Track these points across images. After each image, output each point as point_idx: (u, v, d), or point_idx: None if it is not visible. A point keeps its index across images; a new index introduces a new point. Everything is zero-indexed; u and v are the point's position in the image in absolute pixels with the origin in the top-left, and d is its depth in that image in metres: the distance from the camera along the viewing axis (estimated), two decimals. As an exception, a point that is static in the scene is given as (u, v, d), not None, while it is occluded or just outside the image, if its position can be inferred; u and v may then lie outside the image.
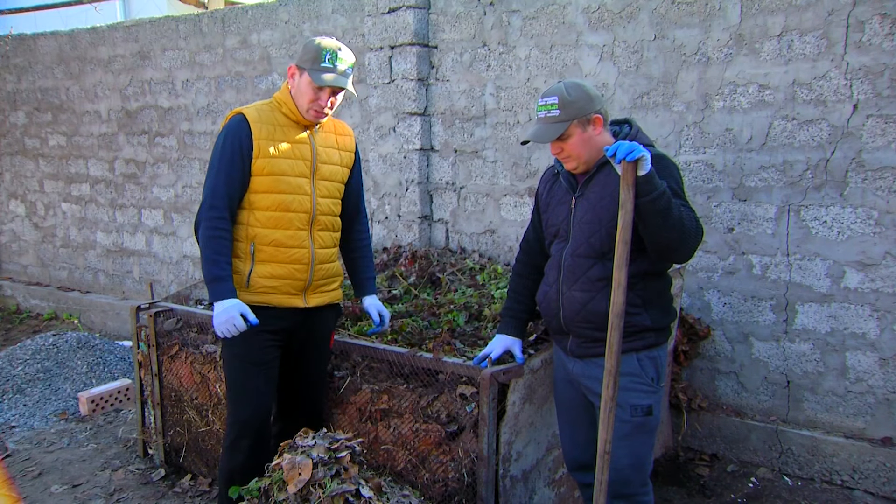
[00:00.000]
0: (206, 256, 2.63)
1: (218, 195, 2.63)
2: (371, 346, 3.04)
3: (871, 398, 3.42)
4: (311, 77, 2.63)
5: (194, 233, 2.70)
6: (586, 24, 3.98)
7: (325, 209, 2.82)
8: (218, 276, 2.60)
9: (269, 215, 2.69)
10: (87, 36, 6.58)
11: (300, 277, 2.74)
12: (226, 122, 2.72)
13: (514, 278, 2.72)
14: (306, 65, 2.65)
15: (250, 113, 2.69)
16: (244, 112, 2.70)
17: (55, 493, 3.61)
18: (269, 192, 2.68)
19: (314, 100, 2.67)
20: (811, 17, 3.34)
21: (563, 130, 2.30)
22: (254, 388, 2.73)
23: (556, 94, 2.31)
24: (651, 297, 2.38)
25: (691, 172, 3.73)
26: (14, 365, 4.96)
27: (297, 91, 2.70)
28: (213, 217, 2.62)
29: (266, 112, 2.72)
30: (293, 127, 2.75)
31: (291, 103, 2.72)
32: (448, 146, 4.59)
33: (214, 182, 2.64)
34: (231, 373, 2.76)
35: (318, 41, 2.67)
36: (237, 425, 2.75)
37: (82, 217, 6.99)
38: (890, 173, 3.25)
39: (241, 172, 2.65)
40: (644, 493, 2.46)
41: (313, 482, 2.27)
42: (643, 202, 2.15)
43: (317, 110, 2.70)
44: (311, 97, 2.67)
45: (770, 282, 3.60)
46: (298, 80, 2.69)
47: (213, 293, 2.61)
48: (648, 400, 2.38)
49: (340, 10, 4.98)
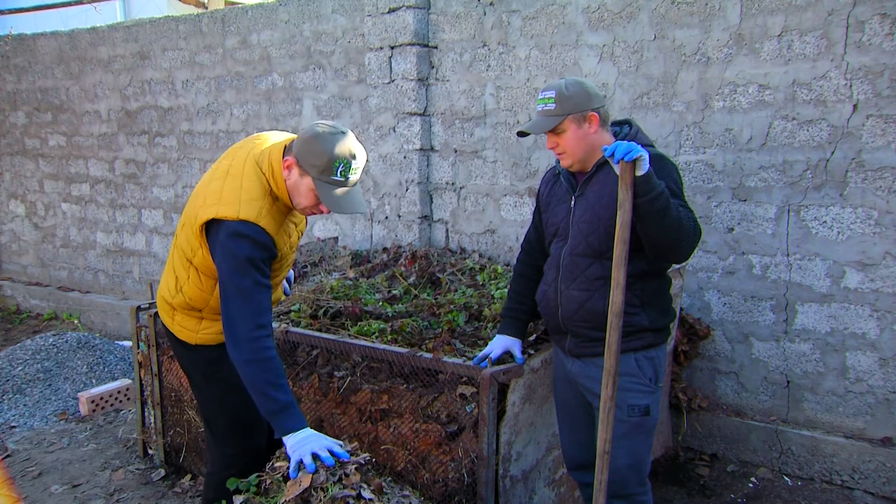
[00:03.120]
0: (267, 380, 2.25)
1: (262, 311, 2.29)
2: (371, 346, 3.04)
3: (871, 398, 3.42)
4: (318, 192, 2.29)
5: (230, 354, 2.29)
6: (586, 24, 3.98)
7: None
8: (289, 402, 2.27)
9: None
10: (87, 36, 6.58)
11: None
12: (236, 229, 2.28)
13: (515, 278, 2.72)
14: (312, 171, 2.27)
15: (268, 224, 2.33)
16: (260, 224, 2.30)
17: (55, 493, 3.61)
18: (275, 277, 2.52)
19: (315, 205, 2.36)
20: (811, 17, 3.34)
21: (557, 124, 2.32)
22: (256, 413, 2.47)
23: (554, 88, 2.34)
24: (649, 298, 2.39)
25: (691, 172, 3.73)
26: (14, 365, 4.96)
27: (295, 189, 2.34)
28: (259, 337, 2.27)
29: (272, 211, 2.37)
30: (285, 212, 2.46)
31: (287, 196, 2.38)
32: (448, 146, 4.59)
33: (257, 300, 2.28)
34: (232, 403, 2.57)
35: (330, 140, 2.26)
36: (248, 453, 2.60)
37: (82, 217, 6.99)
38: (890, 173, 3.25)
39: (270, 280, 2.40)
40: (642, 492, 2.47)
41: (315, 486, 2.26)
42: (641, 202, 2.15)
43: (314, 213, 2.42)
44: (312, 202, 2.35)
45: (770, 282, 3.60)
46: (298, 180, 2.32)
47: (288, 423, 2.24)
48: (646, 400, 2.39)
49: (340, 10, 4.98)
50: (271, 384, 2.25)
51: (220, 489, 2.56)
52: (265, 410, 2.27)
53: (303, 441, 2.21)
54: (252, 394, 2.28)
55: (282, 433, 2.25)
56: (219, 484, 2.60)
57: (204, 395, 2.67)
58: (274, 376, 2.26)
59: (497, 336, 2.69)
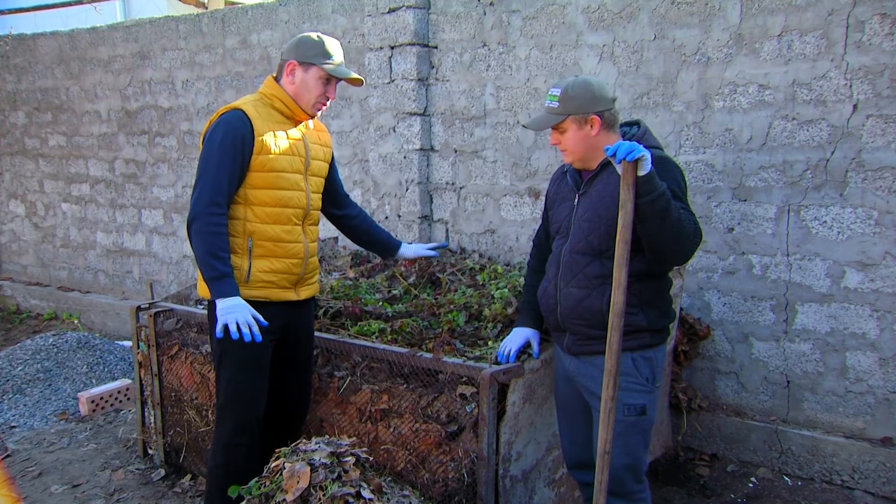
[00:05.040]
0: (207, 251, 2.55)
1: (220, 191, 2.58)
2: (371, 346, 3.05)
3: (871, 398, 3.42)
4: (325, 70, 2.68)
5: (187, 230, 2.61)
6: (586, 24, 3.98)
7: (315, 204, 2.88)
8: (223, 272, 2.55)
9: (268, 211, 2.68)
10: (87, 36, 6.58)
11: (295, 272, 2.77)
12: (217, 118, 2.66)
13: (529, 272, 2.76)
14: (315, 59, 2.68)
15: (249, 110, 2.65)
16: (243, 108, 2.65)
17: (55, 493, 3.61)
18: (269, 189, 2.68)
19: (323, 93, 2.72)
20: (811, 17, 3.34)
21: (557, 123, 2.36)
22: (254, 389, 2.73)
23: (561, 86, 2.37)
24: (648, 298, 2.39)
25: (691, 172, 3.73)
26: (14, 365, 4.96)
27: (303, 86, 2.70)
28: (214, 213, 2.57)
29: (262, 108, 2.70)
30: (287, 123, 2.75)
31: (287, 98, 2.72)
32: (448, 146, 4.59)
33: (216, 177, 2.58)
34: (230, 374, 2.72)
35: (318, 36, 2.72)
36: (236, 426, 2.73)
37: (82, 217, 6.99)
38: (890, 173, 3.25)
39: (239, 168, 2.62)
40: (640, 490, 2.48)
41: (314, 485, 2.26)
42: (642, 202, 2.16)
43: (323, 103, 2.75)
44: (320, 91, 2.71)
45: (770, 282, 3.60)
46: (303, 76, 2.69)
47: (219, 290, 2.54)
48: (642, 400, 2.39)
49: (340, 10, 4.98)
50: (214, 255, 2.55)
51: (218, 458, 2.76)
52: (206, 277, 2.56)
53: (232, 308, 2.52)
54: (197, 262, 2.59)
55: (216, 296, 2.55)
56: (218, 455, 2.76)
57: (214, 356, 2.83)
58: (218, 249, 2.56)
59: (515, 328, 2.71)
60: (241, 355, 2.69)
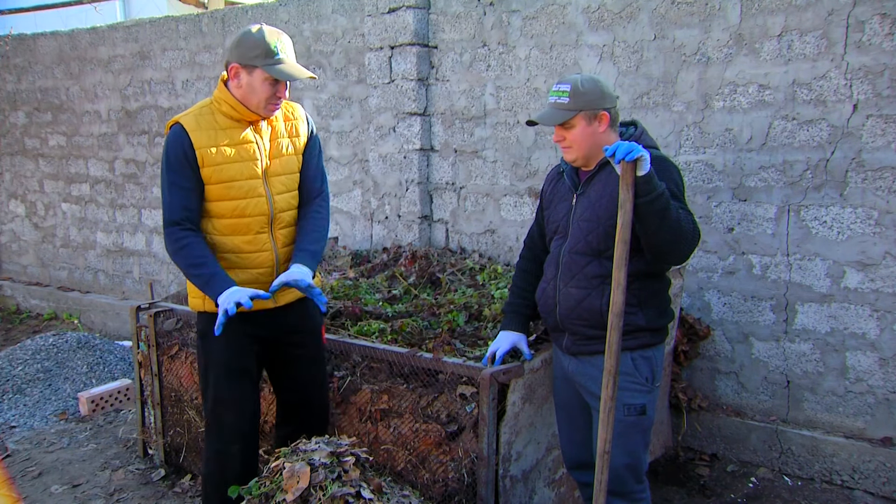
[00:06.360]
0: (184, 266, 2.51)
1: (174, 209, 2.51)
2: (371, 346, 3.05)
3: (871, 398, 3.42)
4: (268, 73, 2.49)
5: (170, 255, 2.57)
6: (586, 24, 3.98)
7: (284, 205, 2.69)
8: (208, 274, 2.48)
9: (226, 223, 2.58)
10: (87, 36, 6.58)
11: (265, 280, 2.61)
12: (166, 133, 2.58)
13: (518, 274, 2.73)
14: (257, 61, 2.48)
15: (188, 122, 2.55)
16: (180, 121, 2.55)
17: (55, 493, 3.61)
18: (222, 200, 2.57)
19: (272, 94, 2.54)
20: (811, 17, 3.34)
21: (569, 118, 2.33)
22: (237, 395, 2.68)
23: (570, 82, 2.35)
24: (647, 298, 2.39)
25: (691, 172, 3.73)
26: (14, 365, 4.96)
27: (249, 90, 2.53)
28: (175, 232, 2.51)
29: (205, 116, 2.58)
30: (236, 127, 2.59)
31: (234, 101, 2.56)
32: (448, 146, 4.59)
33: (169, 198, 2.52)
34: (211, 382, 2.68)
35: (259, 31, 2.52)
36: (226, 433, 2.69)
37: (82, 217, 6.99)
38: (890, 173, 3.25)
39: (192, 182, 2.53)
40: (640, 490, 2.48)
41: (314, 485, 2.26)
42: (641, 202, 2.16)
43: (275, 104, 2.58)
44: (268, 93, 2.53)
45: (770, 282, 3.60)
46: (248, 79, 2.52)
47: (213, 291, 2.47)
48: (642, 399, 2.40)
49: (340, 10, 4.98)
50: (192, 265, 2.50)
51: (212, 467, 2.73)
52: (199, 287, 2.53)
53: (229, 295, 2.43)
54: (187, 279, 2.58)
55: (214, 298, 2.47)
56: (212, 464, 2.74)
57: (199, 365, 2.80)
58: (192, 259, 2.50)
59: (501, 332, 2.68)
60: (220, 360, 2.64)
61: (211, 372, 2.69)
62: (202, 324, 2.70)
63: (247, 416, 2.72)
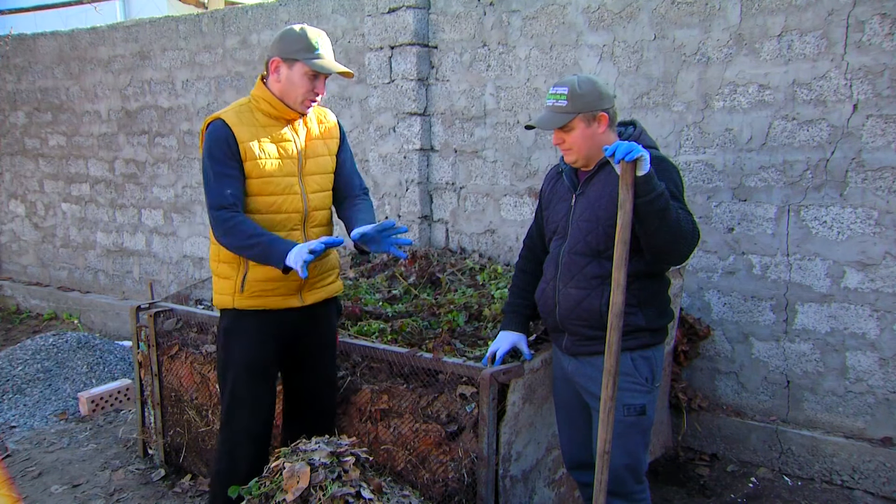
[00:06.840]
0: (239, 247, 2.52)
1: (223, 195, 2.52)
2: (371, 346, 3.05)
3: (871, 398, 3.42)
4: (310, 66, 2.54)
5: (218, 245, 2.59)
6: (586, 24, 3.98)
7: (318, 204, 2.73)
8: (266, 243, 2.48)
9: (260, 218, 2.59)
10: (87, 36, 6.58)
11: (295, 278, 2.60)
12: (205, 128, 2.62)
13: (517, 274, 2.73)
14: (299, 55, 2.55)
15: (229, 117, 2.59)
16: (223, 117, 2.59)
17: (55, 493, 3.61)
18: (259, 195, 2.60)
19: (311, 89, 2.60)
20: (811, 17, 3.34)
21: (568, 121, 2.32)
22: (254, 396, 2.69)
23: (567, 84, 2.33)
24: (646, 298, 2.39)
25: (691, 172, 3.73)
26: (14, 365, 4.96)
27: (289, 84, 2.59)
28: (221, 213, 2.52)
29: (245, 114, 2.63)
30: (275, 125, 2.65)
31: (273, 99, 2.62)
32: (448, 146, 4.59)
33: (216, 186, 2.53)
34: (230, 380, 2.69)
35: (301, 29, 2.59)
36: (238, 434, 2.70)
37: (82, 217, 6.99)
38: (890, 173, 3.25)
39: (238, 171, 2.56)
40: (640, 490, 2.48)
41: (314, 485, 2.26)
42: (641, 202, 2.16)
43: (312, 99, 2.63)
44: (307, 87, 2.59)
45: (770, 282, 3.60)
46: (288, 73, 2.58)
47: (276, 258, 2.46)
48: (642, 400, 2.40)
49: (340, 10, 4.98)
50: (248, 237, 2.50)
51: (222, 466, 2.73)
52: (261, 261, 2.53)
53: (295, 255, 2.43)
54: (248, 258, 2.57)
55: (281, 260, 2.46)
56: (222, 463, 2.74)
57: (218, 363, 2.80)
58: (247, 232, 2.51)
59: (501, 332, 2.68)
60: (240, 361, 2.66)
61: (230, 370, 2.69)
62: (227, 320, 2.70)
63: (262, 416, 2.72)
